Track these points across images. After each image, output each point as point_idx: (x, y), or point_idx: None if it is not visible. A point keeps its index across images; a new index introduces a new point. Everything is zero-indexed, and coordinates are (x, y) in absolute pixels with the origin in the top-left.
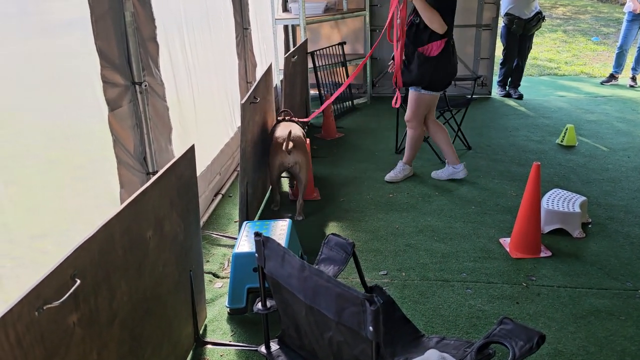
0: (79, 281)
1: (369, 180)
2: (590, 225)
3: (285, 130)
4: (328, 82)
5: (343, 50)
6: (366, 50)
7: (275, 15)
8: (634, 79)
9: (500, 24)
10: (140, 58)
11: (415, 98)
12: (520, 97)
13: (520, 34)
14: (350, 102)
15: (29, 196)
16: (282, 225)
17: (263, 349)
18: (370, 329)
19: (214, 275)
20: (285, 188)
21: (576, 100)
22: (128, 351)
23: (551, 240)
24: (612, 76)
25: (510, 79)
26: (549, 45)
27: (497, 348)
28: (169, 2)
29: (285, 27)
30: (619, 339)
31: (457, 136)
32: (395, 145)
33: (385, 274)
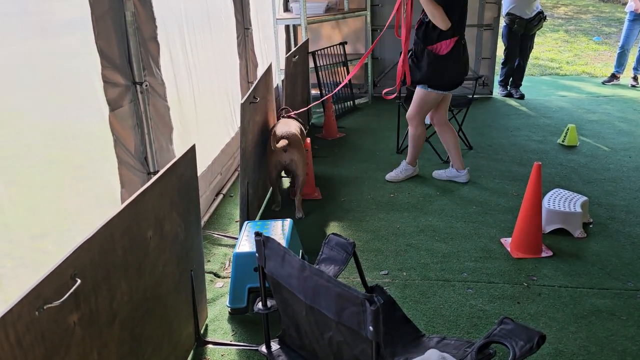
0: (79, 281)
1: (370, 180)
2: (591, 225)
3: (283, 128)
4: (329, 82)
5: (344, 50)
6: (367, 50)
7: (277, 15)
8: (635, 78)
9: (502, 23)
10: (141, 58)
11: (421, 96)
12: (521, 97)
13: (522, 34)
14: (351, 102)
15: (29, 196)
16: (283, 225)
17: (264, 348)
18: (370, 328)
19: (215, 275)
20: (286, 188)
21: (577, 100)
22: (128, 351)
23: (552, 240)
24: (614, 76)
25: (511, 79)
26: (551, 45)
27: (498, 348)
28: (170, 2)
29: (287, 27)
30: (620, 339)
31: (459, 136)
32: (397, 145)
33: (386, 274)
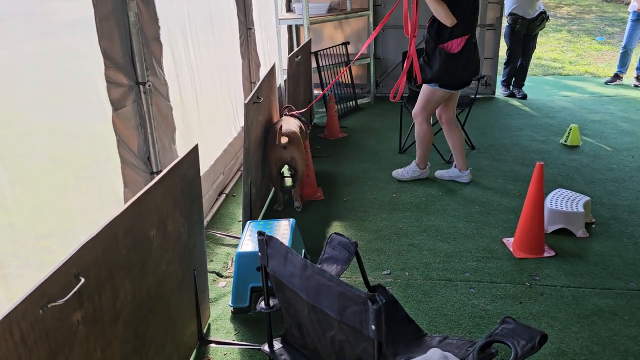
0: (83, 280)
1: (372, 180)
2: (594, 225)
3: (284, 126)
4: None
5: (346, 50)
6: (370, 50)
7: (279, 15)
8: (638, 78)
9: (504, 23)
10: (144, 58)
11: (427, 93)
12: (524, 97)
13: (524, 34)
14: (354, 102)
15: (33, 196)
16: (286, 224)
17: (266, 347)
18: (372, 327)
19: (218, 274)
20: (288, 186)
21: (580, 100)
22: (132, 350)
23: (554, 240)
24: (617, 76)
25: (514, 79)
26: (553, 45)
27: (500, 347)
28: (173, 2)
29: (289, 27)
30: (622, 339)
31: None
32: (399, 145)
33: (389, 274)
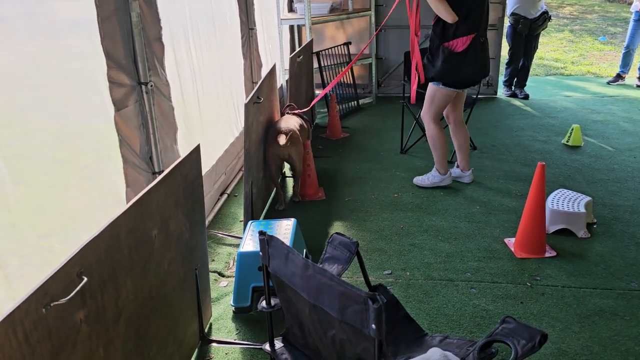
0: (85, 279)
1: (374, 180)
2: (595, 226)
3: (284, 124)
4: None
5: (348, 50)
6: (371, 50)
7: (281, 16)
8: None
9: (506, 23)
10: (146, 58)
11: (432, 92)
12: (526, 97)
13: (526, 34)
14: (355, 102)
15: (35, 195)
16: (287, 224)
17: (267, 347)
18: (373, 326)
19: (219, 274)
20: (289, 189)
21: (582, 100)
22: (134, 349)
23: (556, 240)
24: (619, 76)
25: (516, 79)
26: (556, 45)
27: (501, 347)
28: (175, 3)
29: (291, 27)
30: (623, 339)
31: None
32: (400, 146)
33: (390, 274)
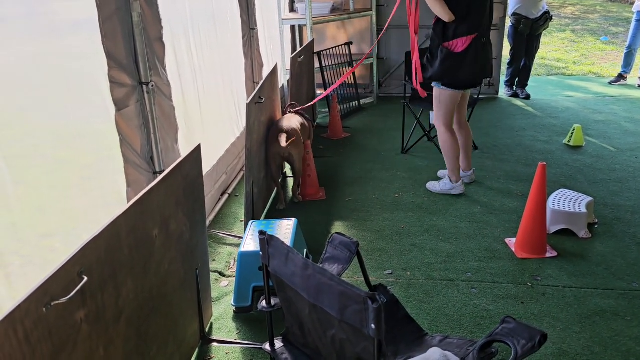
0: (86, 278)
1: (375, 180)
2: (596, 226)
3: (285, 123)
4: (335, 82)
5: (350, 50)
6: (373, 50)
7: (282, 16)
8: None
9: (508, 23)
10: (147, 58)
11: (436, 95)
12: (527, 97)
13: (528, 34)
14: (356, 102)
15: (37, 195)
16: (288, 224)
17: (267, 346)
18: (372, 326)
19: (220, 274)
20: (290, 189)
21: (584, 100)
22: (134, 348)
23: (557, 240)
24: (621, 76)
25: (517, 79)
26: (557, 45)
27: (501, 347)
28: (176, 3)
29: (292, 27)
30: (624, 340)
31: None
32: (402, 146)
33: (391, 274)
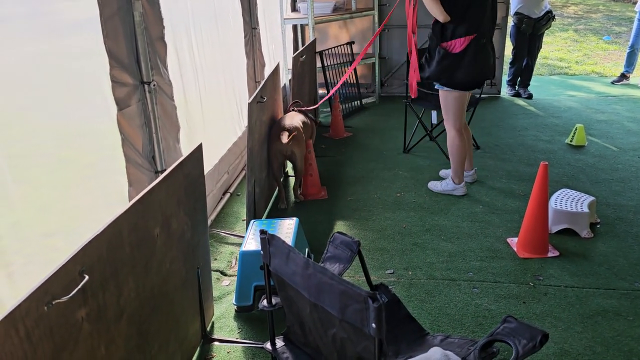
0: (87, 277)
1: (376, 180)
2: (598, 226)
3: (289, 121)
4: (337, 82)
5: (351, 50)
6: (375, 50)
7: (284, 15)
8: None
9: (510, 23)
10: (148, 58)
11: (442, 97)
12: (529, 97)
13: (530, 34)
14: (358, 102)
15: (39, 195)
16: (289, 223)
17: (268, 345)
18: (373, 325)
19: (222, 273)
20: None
21: (586, 99)
22: (135, 347)
23: (559, 240)
24: (623, 75)
25: (519, 79)
26: (560, 44)
27: (502, 347)
28: (178, 2)
29: (294, 27)
30: (626, 339)
31: None
32: (403, 145)
33: (392, 273)
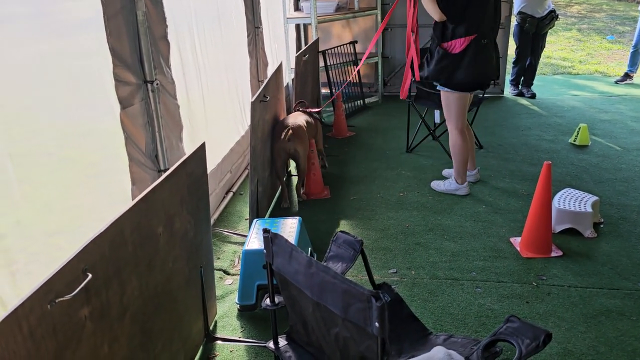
0: (90, 275)
1: (379, 179)
2: (602, 225)
3: (292, 120)
4: (339, 81)
5: (354, 49)
6: (378, 49)
7: (287, 14)
8: None
9: (513, 22)
10: (151, 57)
11: (443, 98)
12: (533, 96)
13: (533, 33)
14: (361, 101)
15: (42, 193)
16: (292, 222)
17: (271, 344)
18: (376, 324)
19: (225, 272)
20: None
21: (590, 99)
22: (139, 345)
23: (562, 239)
24: (627, 75)
25: (523, 78)
26: (563, 43)
27: (505, 346)
28: (181, 1)
29: (297, 26)
30: (630, 339)
31: None
32: (406, 144)
33: (395, 272)
